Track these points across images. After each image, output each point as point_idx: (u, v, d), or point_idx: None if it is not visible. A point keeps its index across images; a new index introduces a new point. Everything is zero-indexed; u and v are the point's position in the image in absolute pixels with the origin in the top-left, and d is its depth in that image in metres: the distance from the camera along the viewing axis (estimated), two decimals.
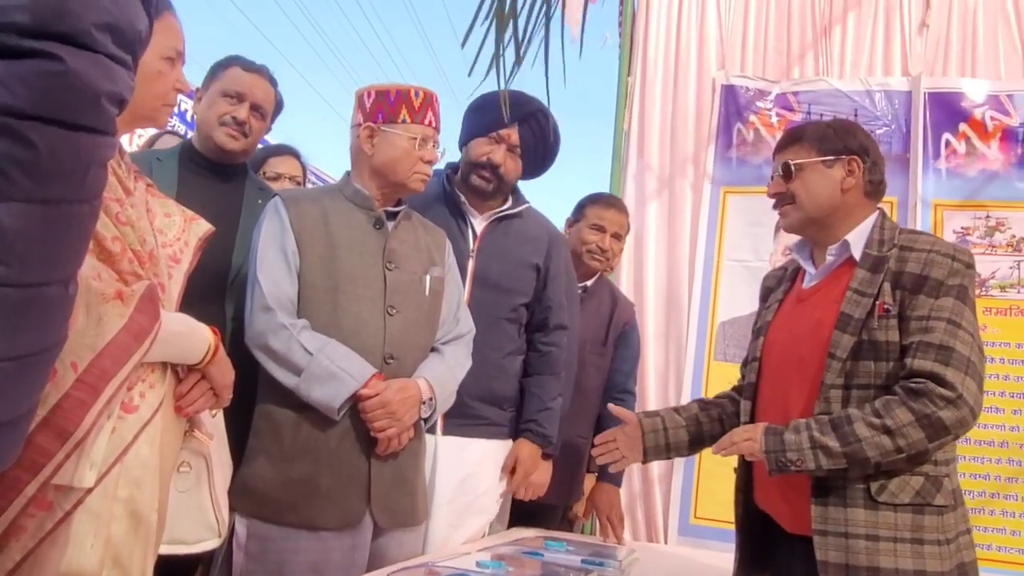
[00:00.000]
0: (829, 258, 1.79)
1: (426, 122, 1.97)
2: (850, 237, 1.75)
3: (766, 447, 1.64)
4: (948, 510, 1.60)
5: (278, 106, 2.28)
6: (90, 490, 1.13)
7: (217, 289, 1.98)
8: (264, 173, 2.70)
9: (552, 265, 2.39)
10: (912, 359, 1.58)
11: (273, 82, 2.24)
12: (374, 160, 1.98)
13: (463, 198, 2.32)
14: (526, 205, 2.42)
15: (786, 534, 1.75)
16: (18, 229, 0.69)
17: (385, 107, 1.97)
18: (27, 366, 0.74)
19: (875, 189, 1.80)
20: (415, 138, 1.95)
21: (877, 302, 1.65)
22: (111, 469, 1.17)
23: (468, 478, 2.21)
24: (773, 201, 1.87)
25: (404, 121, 1.95)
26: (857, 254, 1.73)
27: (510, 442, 2.32)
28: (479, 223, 2.34)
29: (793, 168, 1.79)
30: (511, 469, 2.30)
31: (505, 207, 2.36)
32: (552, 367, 2.37)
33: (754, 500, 1.85)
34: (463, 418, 2.19)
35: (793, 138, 1.84)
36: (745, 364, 1.97)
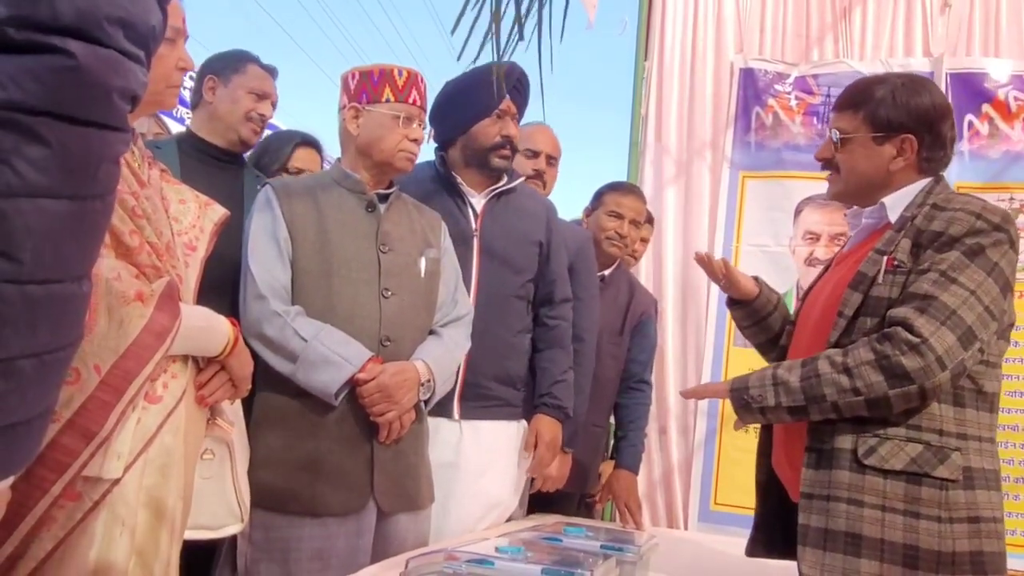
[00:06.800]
0: (865, 221, 1.70)
1: (410, 100, 1.96)
2: (887, 200, 1.64)
3: (731, 386, 1.63)
4: (955, 486, 1.46)
5: None
6: (118, 480, 1.15)
7: (233, 277, 2.00)
8: (288, 169, 2.69)
9: (553, 239, 2.37)
10: (895, 308, 1.51)
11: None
12: (359, 140, 1.98)
13: (459, 179, 2.30)
14: (520, 179, 2.41)
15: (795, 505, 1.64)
16: (29, 226, 0.68)
17: (369, 87, 1.96)
18: (44, 365, 0.73)
19: (931, 166, 1.66)
20: (399, 116, 1.95)
21: (886, 257, 1.55)
22: (137, 459, 1.19)
23: (490, 465, 2.20)
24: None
25: (388, 100, 1.95)
26: (894, 218, 1.63)
27: (524, 423, 2.31)
28: (478, 202, 2.31)
29: (840, 139, 1.69)
30: (533, 446, 2.28)
31: (502, 183, 2.34)
32: (561, 341, 2.36)
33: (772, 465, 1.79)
34: (479, 399, 2.18)
35: (851, 102, 1.70)
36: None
